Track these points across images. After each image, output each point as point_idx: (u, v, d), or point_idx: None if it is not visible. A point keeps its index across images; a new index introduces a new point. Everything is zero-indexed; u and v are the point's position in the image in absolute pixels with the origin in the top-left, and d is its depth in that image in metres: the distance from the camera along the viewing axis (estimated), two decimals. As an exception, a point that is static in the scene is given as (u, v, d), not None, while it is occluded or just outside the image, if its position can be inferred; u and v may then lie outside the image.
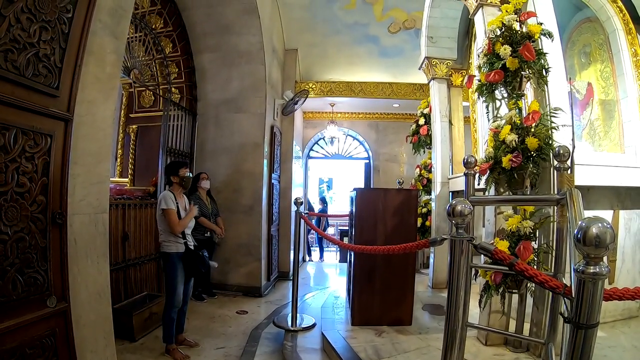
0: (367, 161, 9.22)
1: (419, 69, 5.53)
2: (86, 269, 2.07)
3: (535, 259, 2.70)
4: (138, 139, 6.15)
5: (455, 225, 1.69)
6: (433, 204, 5.09)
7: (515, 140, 2.73)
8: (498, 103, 3.16)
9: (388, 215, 3.44)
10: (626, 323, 3.43)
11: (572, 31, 4.17)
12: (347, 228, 8.63)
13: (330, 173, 14.08)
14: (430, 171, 5.33)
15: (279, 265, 6.81)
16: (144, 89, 6.00)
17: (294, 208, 4.09)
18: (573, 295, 1.18)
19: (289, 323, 3.82)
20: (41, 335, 1.80)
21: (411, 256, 3.57)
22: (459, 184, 4.76)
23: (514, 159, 2.68)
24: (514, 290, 2.80)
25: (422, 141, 5.43)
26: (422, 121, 5.43)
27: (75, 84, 1.94)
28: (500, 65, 2.91)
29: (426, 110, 5.46)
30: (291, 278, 6.90)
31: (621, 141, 3.73)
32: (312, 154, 9.37)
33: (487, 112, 3.25)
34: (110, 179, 6.44)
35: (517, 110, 2.91)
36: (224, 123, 5.82)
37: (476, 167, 2.89)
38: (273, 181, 6.28)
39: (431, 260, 5.06)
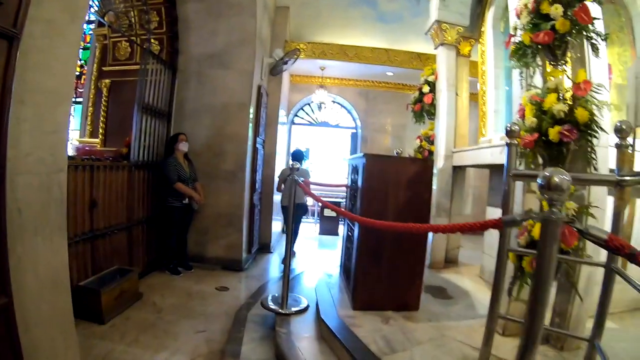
0: (354, 131, 8.77)
1: (426, 33, 5.08)
2: (35, 249, 1.54)
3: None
4: (111, 95, 5.55)
5: (549, 202, 1.28)
6: (434, 179, 4.72)
7: (564, 111, 2.37)
8: (531, 70, 2.83)
9: (400, 187, 3.03)
10: (632, 314, 3.34)
11: (592, 11, 3.89)
12: (337, 200, 8.26)
13: (308, 142, 13.36)
14: (432, 143, 4.93)
15: (260, 237, 6.39)
16: (119, 39, 5.35)
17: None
18: None
19: (280, 305, 3.42)
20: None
21: (424, 235, 3.20)
22: (465, 158, 4.42)
23: (566, 132, 2.31)
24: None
25: (425, 110, 5.01)
26: (426, 89, 4.98)
27: (26, -8, 1.38)
28: (549, 27, 2.53)
29: (431, 78, 5.00)
30: (272, 251, 6.55)
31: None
32: (296, 120, 8.83)
33: (520, 79, 2.89)
34: (80, 139, 5.83)
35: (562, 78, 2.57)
36: (207, 79, 5.22)
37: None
38: (257, 146, 5.77)
39: (429, 238, 4.74)
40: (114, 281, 3.44)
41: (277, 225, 7.31)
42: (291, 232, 3.66)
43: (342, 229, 8.85)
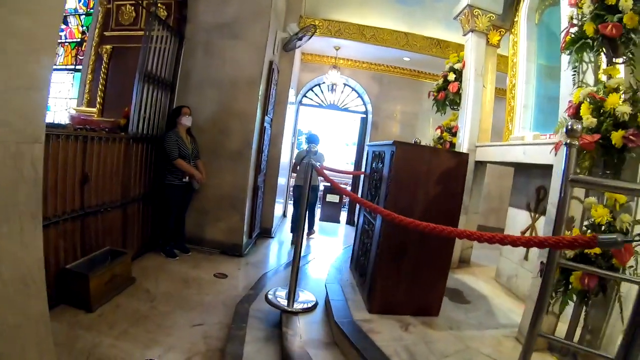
0: (364, 116, 8.40)
1: (455, 18, 4.68)
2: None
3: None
4: (112, 63, 5.22)
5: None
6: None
7: (627, 113, 2.09)
8: (584, 66, 2.55)
9: (431, 181, 2.72)
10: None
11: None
12: (341, 185, 7.93)
13: (314, 124, 12.89)
14: (454, 134, 4.60)
15: (262, 221, 6.08)
16: (124, 3, 5.01)
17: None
18: None
19: (286, 301, 3.14)
20: None
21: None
22: (489, 154, 4.11)
23: (631, 136, 2.03)
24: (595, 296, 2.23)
25: (449, 99, 4.65)
26: (451, 77, 4.62)
27: None
28: (616, 19, 2.25)
29: (457, 66, 4.64)
30: (273, 236, 6.25)
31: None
32: (304, 100, 8.44)
33: (573, 75, 2.61)
34: (77, 108, 5.46)
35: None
36: (216, 51, 4.83)
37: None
38: (265, 124, 5.41)
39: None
40: (104, 264, 3.14)
41: (279, 208, 7.02)
42: (303, 219, 3.32)
43: (344, 216, 8.59)
